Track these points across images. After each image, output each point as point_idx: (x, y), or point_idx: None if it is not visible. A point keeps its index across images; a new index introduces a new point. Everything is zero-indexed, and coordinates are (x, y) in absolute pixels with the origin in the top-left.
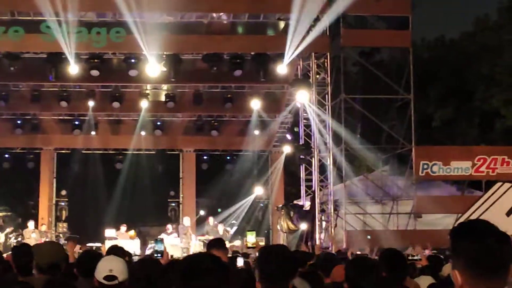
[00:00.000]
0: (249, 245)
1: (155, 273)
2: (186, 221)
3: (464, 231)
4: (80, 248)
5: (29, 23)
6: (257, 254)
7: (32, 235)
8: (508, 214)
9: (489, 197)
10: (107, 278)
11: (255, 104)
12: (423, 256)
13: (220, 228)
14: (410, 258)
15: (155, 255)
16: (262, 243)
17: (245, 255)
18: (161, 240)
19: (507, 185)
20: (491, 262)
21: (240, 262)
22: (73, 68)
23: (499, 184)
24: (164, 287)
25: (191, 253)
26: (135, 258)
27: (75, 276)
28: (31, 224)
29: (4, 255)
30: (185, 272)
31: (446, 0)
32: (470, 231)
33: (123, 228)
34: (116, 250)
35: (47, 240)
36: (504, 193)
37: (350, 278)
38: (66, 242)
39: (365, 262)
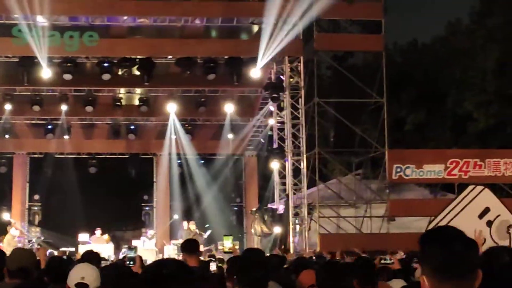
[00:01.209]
0: (226, 250)
1: (125, 279)
2: (186, 224)
3: (432, 237)
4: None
5: (1, 26)
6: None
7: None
8: (480, 216)
9: (462, 200)
10: (78, 285)
11: (229, 108)
12: (395, 259)
13: (194, 232)
14: (383, 262)
15: (127, 262)
16: (237, 247)
17: (220, 260)
18: (135, 248)
19: (479, 188)
20: (458, 267)
21: (213, 267)
22: (46, 72)
23: (471, 187)
24: None
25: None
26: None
27: (46, 283)
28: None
29: None
30: (149, 277)
31: (418, 5)
32: (438, 237)
33: (98, 232)
34: (91, 256)
35: (19, 245)
36: (477, 196)
37: (321, 282)
38: (39, 246)
39: (337, 267)
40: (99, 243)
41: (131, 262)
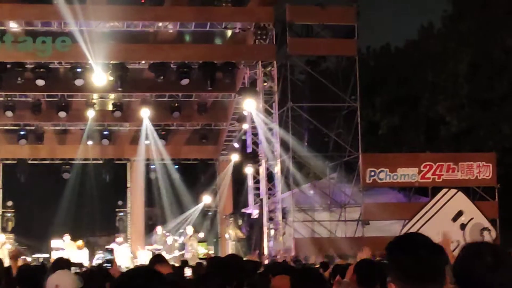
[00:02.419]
0: (200, 256)
1: (104, 284)
2: (189, 230)
3: (397, 244)
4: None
5: None
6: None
7: None
8: (454, 219)
9: (435, 203)
10: None
11: (202, 113)
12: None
13: (171, 239)
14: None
15: (105, 264)
16: (212, 252)
17: (198, 265)
18: (111, 250)
19: (452, 191)
20: (425, 272)
21: (188, 272)
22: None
23: (444, 190)
24: None
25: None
26: (83, 269)
27: None
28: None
29: None
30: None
31: (391, 9)
32: (404, 244)
33: (67, 237)
34: (61, 263)
35: None
36: (450, 199)
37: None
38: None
39: (312, 273)
40: (70, 249)
41: (109, 265)
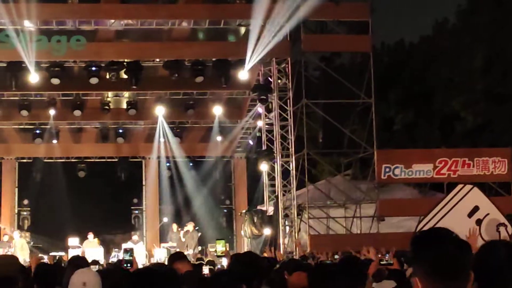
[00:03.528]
0: (218, 253)
1: (119, 283)
2: (190, 226)
3: (424, 239)
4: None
5: None
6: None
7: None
8: (469, 215)
9: (451, 199)
10: None
11: (217, 110)
12: (394, 259)
13: (184, 235)
14: (381, 262)
15: (125, 265)
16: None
17: (211, 263)
18: (131, 250)
19: (468, 187)
20: (451, 268)
21: (205, 270)
22: (34, 77)
23: (460, 186)
24: None
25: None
26: (97, 267)
27: None
28: (16, 235)
29: None
30: (137, 283)
31: (405, 5)
32: (430, 238)
33: (91, 236)
34: (78, 261)
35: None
36: (466, 195)
37: (314, 284)
38: (29, 251)
39: (329, 269)
40: (91, 247)
41: (128, 265)
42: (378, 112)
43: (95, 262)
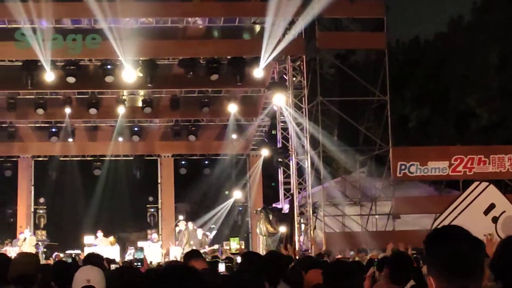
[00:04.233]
0: (233, 251)
1: (133, 282)
2: (182, 225)
3: (437, 237)
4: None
5: (4, 31)
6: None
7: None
8: (485, 213)
9: (467, 196)
10: None
11: (232, 108)
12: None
13: (199, 232)
14: None
15: (135, 263)
16: (243, 247)
17: (230, 260)
18: (141, 249)
19: (484, 184)
20: (464, 267)
21: (221, 267)
22: (49, 75)
23: (476, 183)
24: None
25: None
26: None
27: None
28: (26, 232)
29: None
30: (159, 282)
31: (420, 2)
32: (444, 237)
33: (100, 234)
34: (94, 258)
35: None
36: (481, 192)
37: (329, 282)
38: (45, 250)
39: (345, 266)
40: (103, 245)
41: (139, 264)
42: (393, 110)
43: (112, 261)
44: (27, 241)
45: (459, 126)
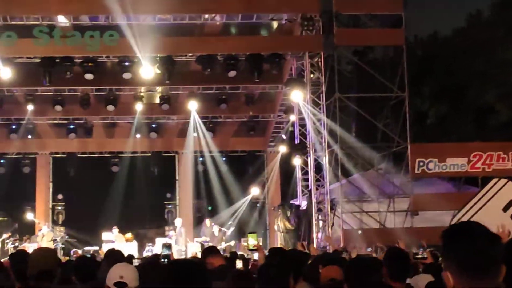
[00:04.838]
0: (251, 247)
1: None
2: (178, 222)
3: (455, 233)
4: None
5: (22, 28)
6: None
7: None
8: (504, 209)
9: (486, 193)
10: (118, 284)
11: (249, 104)
12: (428, 253)
13: (217, 229)
14: (416, 256)
15: (162, 260)
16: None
17: (243, 257)
18: (169, 246)
19: (503, 180)
20: (482, 263)
21: (239, 264)
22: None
23: (495, 180)
24: None
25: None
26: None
27: (73, 282)
28: (45, 228)
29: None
30: (170, 277)
31: None
32: (461, 233)
33: (115, 230)
34: (114, 254)
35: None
36: (501, 189)
37: (350, 278)
38: (63, 246)
39: (365, 263)
40: (119, 241)
41: (166, 260)
42: (411, 106)
43: (132, 257)
44: (44, 237)
45: (478, 122)
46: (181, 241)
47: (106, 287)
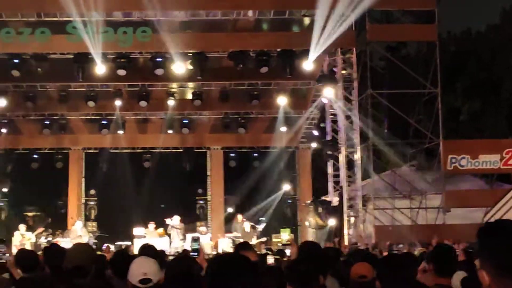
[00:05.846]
0: (283, 242)
1: (192, 271)
2: (175, 220)
3: (491, 231)
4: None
5: (55, 24)
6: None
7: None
8: None
9: None
10: (142, 281)
11: (282, 100)
12: (460, 251)
13: (248, 225)
14: None
15: (191, 253)
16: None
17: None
18: (197, 239)
19: None
20: None
21: (270, 260)
22: (100, 68)
23: None
24: (200, 285)
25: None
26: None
27: (106, 277)
28: (78, 223)
29: None
30: (218, 272)
31: None
32: (498, 230)
33: (152, 225)
34: (148, 250)
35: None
36: None
37: (382, 275)
38: (96, 241)
39: (398, 260)
40: (152, 237)
41: (196, 253)
42: (444, 102)
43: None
44: (78, 233)
45: (511, 119)
46: (177, 239)
47: (129, 284)
